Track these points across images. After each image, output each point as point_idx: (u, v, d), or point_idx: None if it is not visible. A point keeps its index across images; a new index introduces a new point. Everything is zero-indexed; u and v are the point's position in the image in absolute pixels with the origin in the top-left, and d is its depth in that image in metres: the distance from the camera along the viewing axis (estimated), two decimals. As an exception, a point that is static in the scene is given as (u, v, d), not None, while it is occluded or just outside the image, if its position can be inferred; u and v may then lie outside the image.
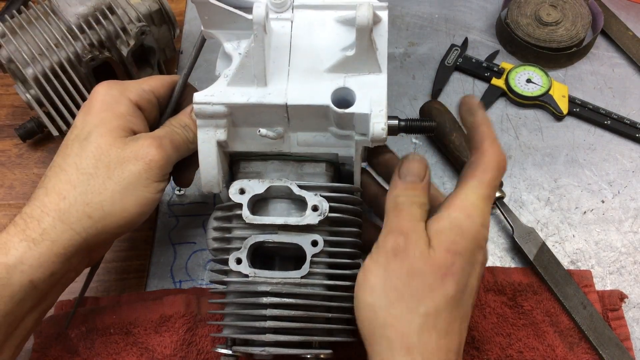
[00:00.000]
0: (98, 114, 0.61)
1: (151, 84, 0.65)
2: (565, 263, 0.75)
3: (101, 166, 0.59)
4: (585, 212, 0.79)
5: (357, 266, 0.64)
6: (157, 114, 0.67)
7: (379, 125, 0.54)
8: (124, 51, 0.79)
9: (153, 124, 0.66)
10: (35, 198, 0.59)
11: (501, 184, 0.78)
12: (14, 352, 0.60)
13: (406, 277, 0.51)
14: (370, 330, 0.52)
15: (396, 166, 0.56)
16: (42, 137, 0.84)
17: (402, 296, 0.50)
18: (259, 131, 0.58)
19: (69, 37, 0.76)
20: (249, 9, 0.56)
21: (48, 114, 0.78)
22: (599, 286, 0.73)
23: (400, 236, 0.52)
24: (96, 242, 0.60)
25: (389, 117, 0.57)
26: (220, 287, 0.62)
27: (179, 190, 0.80)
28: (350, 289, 0.62)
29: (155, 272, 0.76)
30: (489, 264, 0.75)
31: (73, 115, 0.78)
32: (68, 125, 0.78)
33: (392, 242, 0.52)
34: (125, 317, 0.70)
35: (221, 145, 0.59)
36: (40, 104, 0.77)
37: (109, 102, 0.62)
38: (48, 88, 0.76)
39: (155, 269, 0.76)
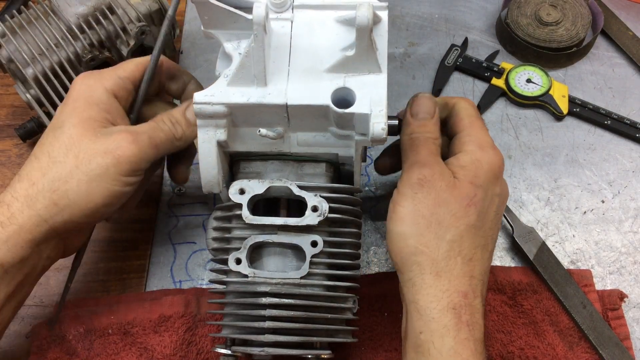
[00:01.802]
0: (72, 103, 0.62)
1: (126, 69, 0.65)
2: (565, 263, 0.75)
3: (71, 155, 0.59)
4: (585, 212, 0.79)
5: (357, 267, 0.64)
6: (133, 99, 0.66)
7: (379, 125, 0.54)
8: (124, 51, 0.79)
9: (129, 110, 0.66)
10: (10, 185, 0.60)
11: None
12: None
13: (433, 206, 0.55)
14: (401, 258, 0.56)
15: (407, 105, 0.61)
16: (42, 137, 0.84)
17: (430, 224, 0.55)
18: (259, 131, 0.58)
19: (69, 37, 0.76)
20: (248, 9, 0.56)
21: (48, 114, 0.78)
22: (599, 286, 0.73)
23: (423, 168, 0.57)
24: (64, 230, 0.61)
25: (389, 117, 0.57)
26: (220, 287, 0.62)
27: (179, 190, 0.80)
28: (351, 290, 0.63)
29: (155, 272, 0.76)
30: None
31: (73, 115, 0.78)
32: (68, 125, 0.78)
33: (417, 174, 0.56)
34: (123, 317, 0.70)
35: (221, 145, 0.59)
36: (40, 104, 0.77)
37: (84, 91, 0.62)
38: (48, 88, 0.76)
39: (155, 269, 0.76)
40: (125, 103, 0.65)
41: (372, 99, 0.55)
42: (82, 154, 0.59)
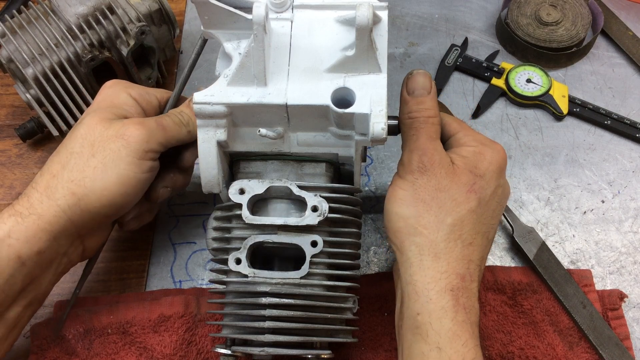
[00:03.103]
0: (97, 103, 0.65)
1: (156, 90, 0.68)
2: (565, 263, 0.75)
3: (86, 144, 0.61)
4: (585, 212, 0.79)
5: (357, 267, 0.64)
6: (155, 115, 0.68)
7: (378, 125, 0.54)
8: (124, 51, 0.79)
9: None
10: (33, 181, 0.62)
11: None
12: (3, 344, 0.60)
13: (434, 191, 0.56)
14: (401, 238, 0.57)
15: (402, 84, 0.62)
16: (42, 137, 0.84)
17: (430, 207, 0.56)
18: (259, 131, 0.58)
19: (69, 37, 0.76)
20: (248, 9, 0.56)
21: (48, 114, 0.78)
22: (599, 286, 0.73)
23: (423, 155, 0.57)
24: (82, 222, 0.61)
25: (389, 117, 0.57)
26: (220, 287, 0.62)
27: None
28: (351, 289, 0.62)
29: (155, 272, 0.76)
30: (489, 263, 0.75)
31: (73, 115, 0.78)
32: (68, 125, 0.78)
33: (417, 161, 0.57)
34: (122, 316, 0.70)
35: (221, 145, 0.59)
36: (40, 104, 0.77)
37: (109, 95, 0.65)
38: (48, 88, 0.76)
39: (155, 269, 0.76)
40: (147, 114, 0.66)
41: (372, 98, 0.55)
42: (97, 142, 0.61)
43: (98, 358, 0.68)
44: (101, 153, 0.60)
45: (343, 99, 0.56)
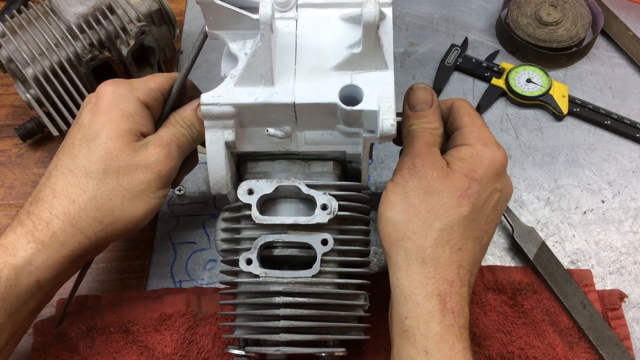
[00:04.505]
0: (106, 113, 0.60)
1: (156, 81, 0.65)
2: (565, 263, 0.75)
3: (111, 172, 0.59)
4: (585, 212, 0.79)
5: (367, 264, 0.64)
6: (162, 110, 0.66)
7: (388, 121, 0.54)
8: (124, 51, 0.79)
9: (157, 121, 0.66)
10: (42, 199, 0.59)
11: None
12: (11, 349, 0.60)
13: (424, 195, 0.56)
14: (390, 242, 0.57)
15: (404, 98, 0.62)
16: (42, 137, 0.84)
17: (420, 212, 0.55)
18: (267, 131, 0.58)
19: (69, 37, 0.76)
20: (253, 9, 0.56)
21: (48, 114, 0.78)
22: (599, 286, 0.74)
23: (415, 158, 0.57)
24: (103, 244, 0.61)
25: (397, 114, 0.57)
26: (231, 288, 0.62)
27: (179, 190, 0.80)
28: (362, 287, 0.63)
29: (155, 272, 0.76)
30: (489, 263, 0.75)
31: (73, 115, 0.78)
32: (68, 125, 0.78)
33: (409, 164, 0.57)
34: (125, 315, 0.70)
35: (229, 146, 0.59)
36: (40, 104, 0.77)
37: (117, 101, 0.61)
38: (48, 88, 0.76)
39: (155, 269, 0.76)
40: (155, 113, 0.65)
41: (380, 95, 0.55)
42: (123, 171, 0.59)
43: (100, 357, 0.68)
44: (128, 182, 0.59)
45: (351, 96, 0.56)
